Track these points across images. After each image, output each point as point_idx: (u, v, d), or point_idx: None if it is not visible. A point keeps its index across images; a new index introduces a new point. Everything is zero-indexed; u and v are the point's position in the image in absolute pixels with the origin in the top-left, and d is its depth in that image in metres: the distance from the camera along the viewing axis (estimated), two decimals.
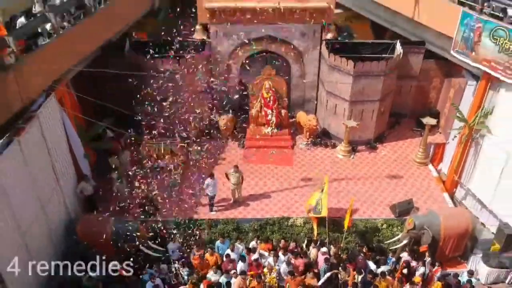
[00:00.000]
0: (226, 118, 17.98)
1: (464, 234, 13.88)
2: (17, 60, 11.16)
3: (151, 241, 13.43)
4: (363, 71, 16.48)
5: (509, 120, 14.22)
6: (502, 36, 13.43)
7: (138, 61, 16.44)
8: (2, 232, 10.55)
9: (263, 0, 16.67)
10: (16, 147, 11.08)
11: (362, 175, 16.88)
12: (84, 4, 13.85)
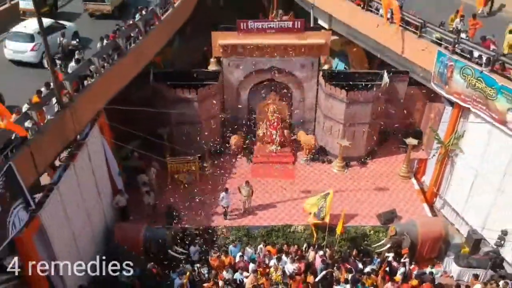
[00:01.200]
0: (236, 137, 20.66)
1: (438, 239, 16.53)
2: (71, 100, 13.82)
3: (176, 245, 16.09)
4: (354, 99, 19.19)
5: (477, 143, 16.88)
6: (469, 74, 16.08)
7: (161, 89, 19.13)
8: (63, 237, 13.24)
9: (268, 38, 19.37)
10: (72, 170, 13.76)
11: (354, 187, 19.54)
12: (119, 46, 16.47)
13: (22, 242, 11.62)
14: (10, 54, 17.56)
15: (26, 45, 17.24)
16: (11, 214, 11.39)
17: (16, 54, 17.45)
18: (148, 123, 18.35)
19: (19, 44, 17.34)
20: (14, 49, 17.42)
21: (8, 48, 17.56)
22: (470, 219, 17.63)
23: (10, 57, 17.60)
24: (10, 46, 17.50)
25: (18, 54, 17.42)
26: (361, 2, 20.53)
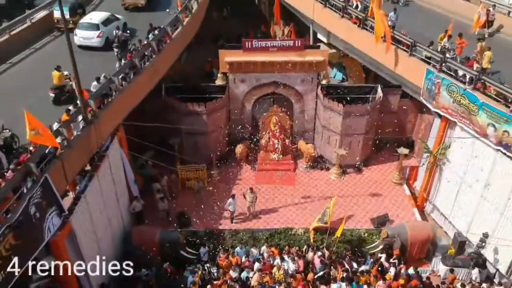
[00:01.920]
0: (241, 146, 22.26)
1: (426, 241, 18.12)
2: (95, 116, 15.41)
3: (187, 247, 17.68)
4: (350, 111, 20.80)
5: (462, 153, 18.46)
6: (454, 91, 17.68)
7: (173, 103, 20.73)
8: (89, 240, 14.84)
9: (270, 56, 20.99)
10: (96, 180, 15.37)
11: (350, 193, 21.15)
12: (135, 65, 18.06)
13: (57, 244, 13.21)
14: (80, 40, 21.23)
15: (93, 33, 21.23)
16: (46, 220, 13.01)
17: (85, 41, 21.27)
18: (160, 134, 19.99)
19: (87, 32, 21.26)
20: (83, 37, 21.24)
21: (78, 36, 21.23)
22: (456, 223, 19.25)
23: (79, 43, 21.19)
24: (80, 34, 21.27)
25: (86, 40, 21.29)
26: (357, 20, 22.11)
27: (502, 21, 22.48)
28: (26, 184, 12.51)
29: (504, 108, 16.00)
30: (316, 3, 25.17)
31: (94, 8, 26.22)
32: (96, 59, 20.19)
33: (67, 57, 13.94)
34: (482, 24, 21.78)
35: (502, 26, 22.37)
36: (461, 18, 24.42)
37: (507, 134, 15.89)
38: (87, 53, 20.73)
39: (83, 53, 20.43)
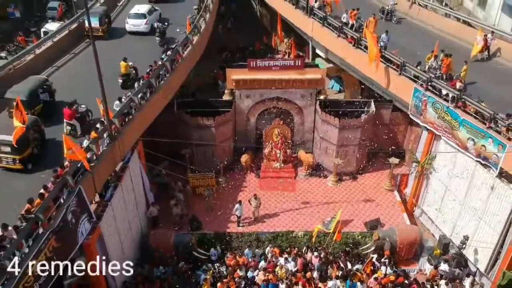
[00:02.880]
0: (246, 156, 24.27)
1: (413, 243, 20.10)
2: (118, 133, 17.41)
3: (199, 248, 19.68)
4: (345, 125, 22.82)
5: (446, 163, 20.46)
6: (439, 108, 19.69)
7: (184, 117, 22.75)
8: (114, 242, 16.87)
9: (273, 74, 23.01)
10: (119, 189, 17.38)
11: (346, 199, 23.16)
12: (152, 84, 20.05)
13: (89, 246, 15.23)
14: (130, 27, 27.54)
15: (141, 21, 27.39)
16: (80, 225, 15.03)
17: (135, 27, 27.41)
18: (173, 145, 21.97)
19: (136, 20, 27.42)
20: (133, 24, 27.45)
21: (129, 24, 27.54)
22: (441, 226, 21.25)
23: (129, 30, 27.58)
24: (130, 23, 27.54)
25: (136, 27, 27.41)
26: (352, 40, 24.11)
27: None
28: (63, 195, 14.54)
29: (481, 124, 17.99)
30: (314, 22, 27.21)
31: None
32: (142, 42, 26.48)
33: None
34: (480, 49, 23.50)
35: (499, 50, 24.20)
36: (450, 36, 26.62)
37: (484, 148, 17.87)
38: (135, 37, 27.23)
39: (132, 38, 27.34)
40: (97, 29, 25.68)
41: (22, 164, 16.29)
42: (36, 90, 18.93)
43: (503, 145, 16.99)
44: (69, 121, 18.18)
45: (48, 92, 19.55)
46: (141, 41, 26.53)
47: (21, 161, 16.25)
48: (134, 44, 26.20)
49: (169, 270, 18.40)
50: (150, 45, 25.90)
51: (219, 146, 23.27)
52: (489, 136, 17.53)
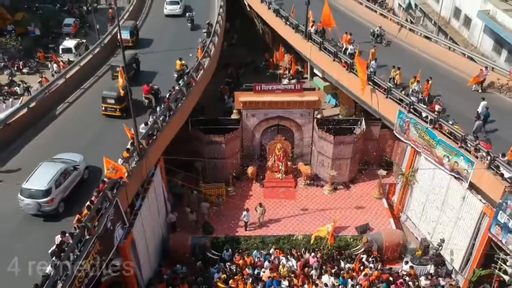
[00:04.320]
0: (252, 168, 27.35)
1: (398, 245, 23.16)
2: (145, 152, 20.46)
3: (212, 249, 22.73)
4: (340, 141, 25.91)
5: (427, 176, 23.53)
6: (419, 128, 22.77)
7: (198, 134, 25.84)
8: (142, 245, 19.94)
9: (276, 96, 26.10)
10: (146, 200, 20.45)
11: (340, 206, 26.22)
12: (171, 108, 23.08)
13: (124, 249, 18.29)
14: (168, 11, 38.37)
15: (176, 6, 38.34)
16: (116, 231, 18.08)
17: (171, 11, 38.31)
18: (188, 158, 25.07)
19: (172, 6, 38.31)
20: (170, 9, 38.40)
21: (167, 9, 38.40)
22: (423, 230, 24.36)
23: (167, 13, 38.45)
24: (168, 8, 38.43)
25: (172, 11, 38.32)
26: (346, 65, 27.16)
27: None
28: (104, 206, 17.57)
29: (454, 144, 21.09)
30: (313, 46, 30.29)
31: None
32: (176, 22, 36.80)
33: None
34: (477, 81, 25.76)
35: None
36: (433, 58, 29.71)
37: (457, 164, 20.97)
38: (171, 19, 37.87)
39: (169, 19, 38.07)
40: (127, 40, 30.57)
41: (120, 112, 23.55)
42: (131, 60, 26.85)
43: (471, 162, 20.11)
44: (147, 95, 24.41)
45: (136, 63, 27.87)
46: (175, 21, 37.51)
47: (120, 110, 23.55)
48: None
49: (187, 269, 21.46)
50: (179, 23, 36.79)
51: (228, 160, 26.36)
52: (460, 154, 20.63)
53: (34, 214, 17.68)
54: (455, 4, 39.05)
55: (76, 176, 19.02)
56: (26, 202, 17.43)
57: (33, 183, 17.59)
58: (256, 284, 20.65)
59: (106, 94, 23.52)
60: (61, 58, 36.99)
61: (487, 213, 19.74)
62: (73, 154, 19.82)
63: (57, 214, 17.90)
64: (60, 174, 18.18)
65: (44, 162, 18.76)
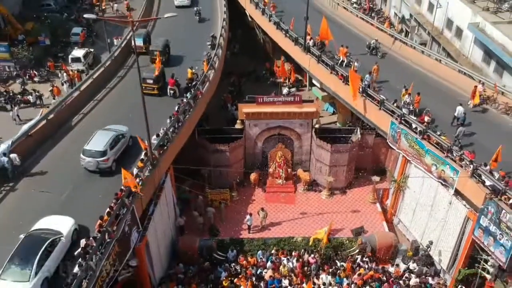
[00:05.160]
0: (254, 174, 29.19)
1: (390, 246, 24.98)
2: (157, 161, 22.27)
3: (218, 251, 24.55)
4: (336, 149, 27.75)
5: (417, 182, 25.37)
6: (410, 138, 24.60)
7: (204, 143, 27.68)
8: (154, 247, 21.77)
9: (276, 107, 27.95)
10: (158, 205, 22.28)
11: (336, 210, 28.06)
12: (180, 119, 24.88)
13: (140, 251, 20.11)
14: (178, 3, 44.33)
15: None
16: (132, 235, 19.90)
17: (181, 2, 44.33)
18: (194, 165, 26.90)
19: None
20: (180, 1, 44.38)
21: (177, 1, 44.36)
22: (414, 232, 26.21)
23: (177, 4, 44.25)
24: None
25: (182, 2, 44.36)
26: (342, 77, 28.99)
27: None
28: (122, 212, 19.38)
29: (441, 153, 22.92)
30: (311, 58, 32.12)
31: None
32: (185, 16, 39.31)
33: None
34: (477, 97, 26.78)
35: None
36: (426, 71, 31.55)
37: (444, 172, 22.82)
38: (181, 9, 41.97)
39: (180, 9, 42.04)
40: (141, 47, 33.16)
41: (157, 91, 28.10)
42: (165, 45, 32.28)
43: (457, 171, 21.96)
44: (172, 87, 28.19)
45: (168, 48, 32.89)
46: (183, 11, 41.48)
47: (157, 89, 28.16)
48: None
49: (195, 268, 23.29)
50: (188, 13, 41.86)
51: (232, 167, 28.20)
52: (446, 163, 22.48)
53: (92, 171, 21.60)
54: (448, 15, 40.89)
55: (124, 143, 23.02)
56: (88, 160, 21.46)
57: (93, 146, 21.65)
58: (259, 283, 22.50)
59: (145, 76, 27.48)
60: (70, 68, 38.71)
61: (471, 217, 21.58)
62: (121, 126, 23.51)
63: (111, 171, 21.75)
64: (112, 139, 22.23)
65: (99, 131, 22.81)
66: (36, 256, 16.14)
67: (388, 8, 55.09)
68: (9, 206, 20.07)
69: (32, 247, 16.53)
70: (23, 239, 16.98)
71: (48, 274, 16.40)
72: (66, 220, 18.33)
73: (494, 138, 23.52)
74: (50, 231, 17.41)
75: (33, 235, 17.26)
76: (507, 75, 32.39)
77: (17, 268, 15.92)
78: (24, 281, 15.58)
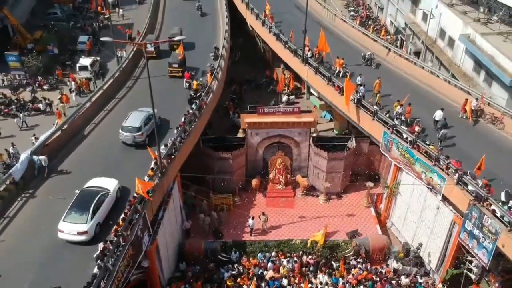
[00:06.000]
0: (256, 180, 30.92)
1: (383, 248, 26.74)
2: (166, 170, 23.97)
3: (222, 252, 26.27)
4: (332, 157, 29.49)
5: (408, 188, 27.10)
6: (401, 148, 26.34)
7: (208, 151, 29.42)
8: (163, 250, 23.49)
9: (277, 117, 29.71)
10: (167, 211, 24.00)
11: (333, 214, 29.77)
12: (186, 130, 26.59)
13: (151, 253, 21.83)
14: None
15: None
16: (143, 238, 21.61)
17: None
18: (199, 172, 28.62)
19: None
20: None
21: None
22: (405, 235, 27.95)
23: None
24: None
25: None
26: (338, 88, 30.71)
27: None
28: (134, 217, 21.08)
29: (429, 162, 24.65)
30: (310, 69, 33.85)
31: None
32: (188, 12, 46.74)
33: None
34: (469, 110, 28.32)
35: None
36: (417, 81, 33.24)
37: (432, 179, 24.56)
38: (186, 2, 49.27)
39: (185, 2, 49.74)
40: (151, 52, 36.84)
41: (181, 73, 33.97)
42: (181, 32, 38.36)
43: (443, 178, 23.69)
44: (188, 80, 32.61)
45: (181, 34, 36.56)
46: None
47: (181, 72, 34.07)
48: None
49: (200, 269, 25.02)
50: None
51: (235, 173, 29.93)
52: (434, 171, 24.22)
53: (129, 144, 25.99)
54: (440, 25, 42.66)
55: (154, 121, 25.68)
56: (125, 135, 26.02)
57: (130, 123, 26.18)
58: (260, 283, 24.23)
59: (171, 61, 34.47)
60: (78, 75, 40.39)
61: (457, 222, 23.33)
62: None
63: (144, 144, 25.65)
64: (145, 118, 26.63)
65: (133, 111, 27.23)
66: (91, 206, 20.45)
67: (385, 16, 56.90)
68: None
69: (87, 199, 20.93)
70: (79, 193, 21.33)
71: (100, 220, 20.73)
72: (111, 181, 22.44)
73: (480, 147, 25.27)
74: (100, 188, 21.75)
75: (87, 190, 21.66)
76: (496, 84, 34.12)
77: (77, 214, 20.21)
78: (83, 223, 19.96)
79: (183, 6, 50.32)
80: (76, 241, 19.88)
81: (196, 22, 46.25)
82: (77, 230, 19.77)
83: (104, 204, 21.16)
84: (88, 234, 20.02)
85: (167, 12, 49.91)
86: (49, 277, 18.11)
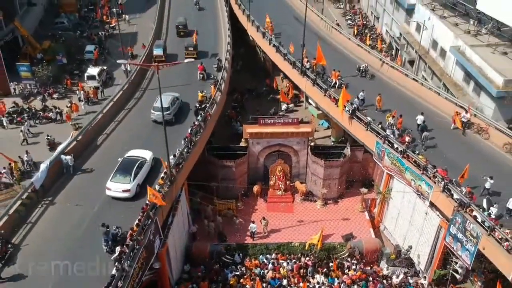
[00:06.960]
0: (257, 186, 32.92)
1: (375, 250, 28.72)
2: (175, 178, 25.94)
3: (226, 254, 28.25)
4: (329, 165, 31.49)
5: (399, 194, 29.07)
6: (392, 157, 28.33)
7: (212, 160, 31.41)
8: (172, 252, 25.45)
9: (276, 128, 31.66)
10: (176, 216, 25.97)
11: (329, 218, 31.72)
12: (193, 140, 28.55)
13: (162, 255, 23.80)
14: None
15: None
16: (155, 242, 23.57)
17: None
18: (204, 179, 30.59)
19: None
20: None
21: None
22: (397, 238, 29.91)
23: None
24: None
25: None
26: (334, 100, 32.70)
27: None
28: (147, 223, 23.03)
29: (418, 170, 26.62)
30: (308, 81, 35.84)
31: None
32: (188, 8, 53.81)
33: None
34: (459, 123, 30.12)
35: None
36: (409, 92, 35.22)
37: (421, 187, 26.54)
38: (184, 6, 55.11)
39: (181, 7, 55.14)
40: (160, 56, 40.35)
41: (196, 55, 40.72)
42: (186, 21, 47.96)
43: (431, 186, 25.67)
44: (201, 72, 37.54)
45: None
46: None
47: (195, 54, 41.14)
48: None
49: (207, 270, 27.01)
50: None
51: (237, 180, 31.94)
52: (422, 179, 26.19)
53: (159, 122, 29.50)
54: (433, 37, 44.65)
55: (179, 104, 32.78)
56: (157, 114, 30.30)
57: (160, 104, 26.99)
58: (261, 282, 26.20)
59: (187, 45, 41.79)
60: (87, 85, 42.26)
61: (443, 226, 25.28)
62: (174, 93, 32.91)
63: (172, 122, 31.02)
64: (172, 99, 31.88)
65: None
66: (133, 170, 25.13)
67: (381, 25, 58.87)
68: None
69: (129, 164, 25.65)
70: (122, 160, 26.09)
71: (139, 182, 25.24)
72: (147, 152, 27.03)
73: (466, 156, 27.25)
74: (138, 157, 26.49)
75: (128, 158, 26.41)
76: (484, 95, 36.10)
77: (121, 176, 24.88)
78: (126, 183, 24.64)
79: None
80: (120, 197, 24.51)
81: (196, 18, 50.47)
82: (122, 188, 24.43)
83: (143, 170, 25.72)
84: (131, 192, 24.52)
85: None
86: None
